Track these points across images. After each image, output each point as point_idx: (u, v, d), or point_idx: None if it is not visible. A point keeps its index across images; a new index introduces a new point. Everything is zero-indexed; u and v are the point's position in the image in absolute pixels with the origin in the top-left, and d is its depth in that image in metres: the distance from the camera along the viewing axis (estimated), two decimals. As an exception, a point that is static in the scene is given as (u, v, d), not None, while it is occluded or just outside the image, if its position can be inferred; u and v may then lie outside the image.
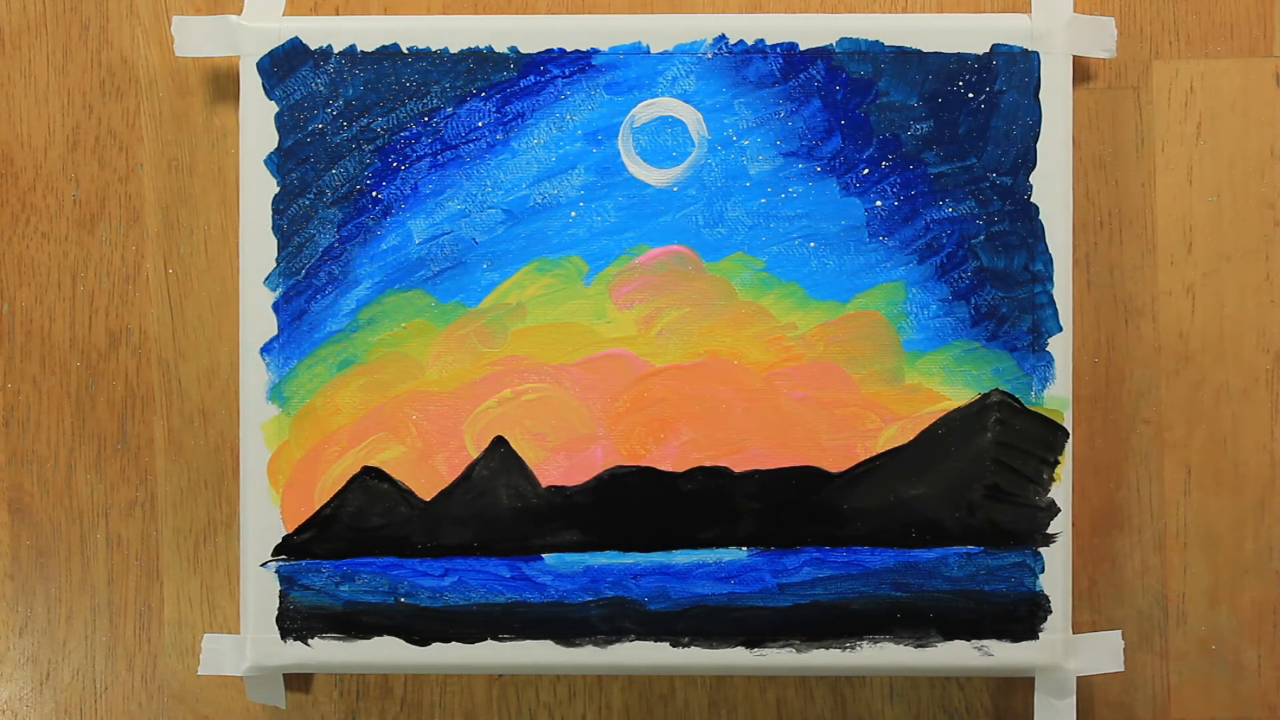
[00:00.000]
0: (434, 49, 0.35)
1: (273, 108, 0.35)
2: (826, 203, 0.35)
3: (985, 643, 0.35)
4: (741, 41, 0.35)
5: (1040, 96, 0.35)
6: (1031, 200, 0.35)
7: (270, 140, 0.35)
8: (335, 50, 0.35)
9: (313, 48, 0.35)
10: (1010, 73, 0.35)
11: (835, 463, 0.35)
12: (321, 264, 0.36)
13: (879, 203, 0.35)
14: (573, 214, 0.36)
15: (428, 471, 0.36)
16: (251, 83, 0.35)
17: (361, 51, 0.35)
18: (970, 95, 0.35)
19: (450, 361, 0.36)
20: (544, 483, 0.36)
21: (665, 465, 0.35)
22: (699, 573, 0.36)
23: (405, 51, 0.35)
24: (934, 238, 0.35)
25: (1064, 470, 0.35)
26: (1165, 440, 0.37)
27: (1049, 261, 0.35)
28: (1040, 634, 0.35)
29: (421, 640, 0.36)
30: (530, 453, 0.36)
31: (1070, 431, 0.35)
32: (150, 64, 0.37)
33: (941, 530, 0.35)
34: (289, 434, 0.36)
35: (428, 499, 0.36)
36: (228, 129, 0.37)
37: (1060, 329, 0.35)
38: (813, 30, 0.35)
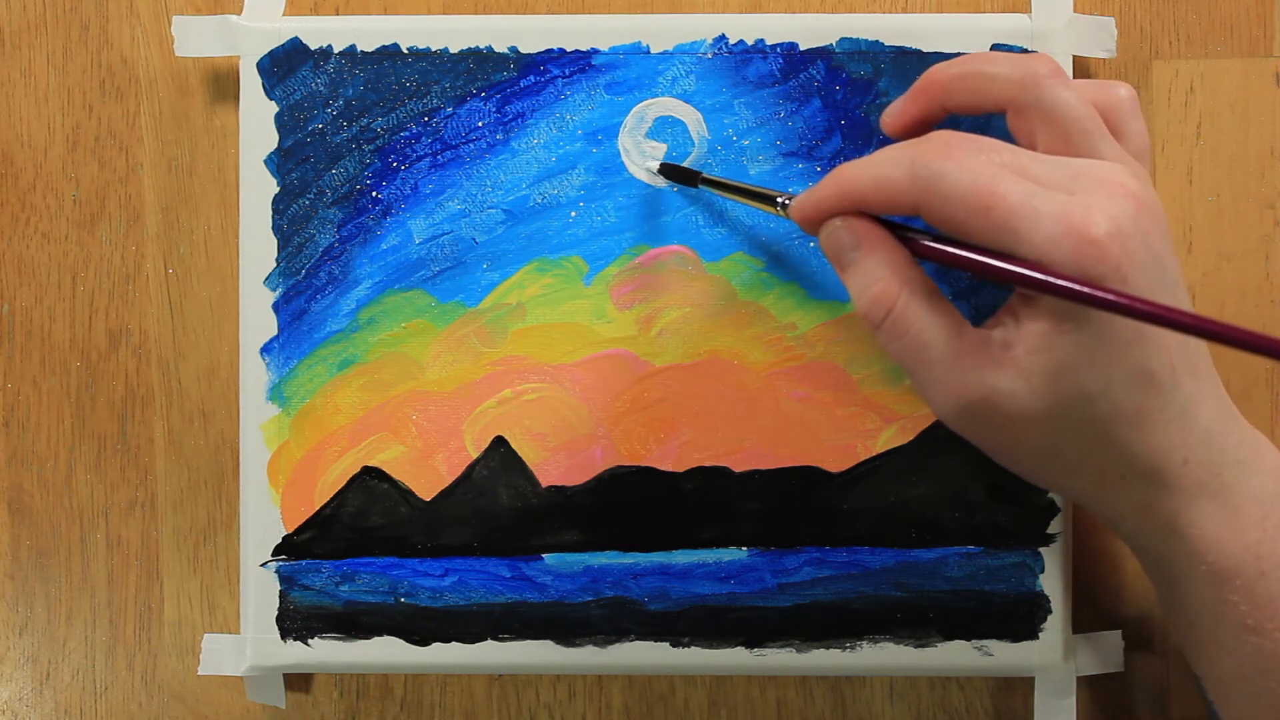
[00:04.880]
0: (434, 49, 0.35)
1: (273, 108, 0.35)
2: (826, 203, 0.35)
3: (985, 643, 0.35)
4: (741, 41, 0.35)
5: (1040, 96, 0.35)
6: (1031, 200, 0.35)
7: (270, 140, 0.35)
8: (335, 50, 0.35)
9: (313, 48, 0.35)
10: (1010, 73, 0.35)
11: (835, 463, 0.35)
12: (321, 264, 0.36)
13: (879, 203, 0.35)
14: (573, 214, 0.36)
15: (428, 471, 0.36)
16: (251, 83, 0.35)
17: (361, 51, 0.35)
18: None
19: (450, 361, 0.36)
20: (544, 483, 0.36)
21: (665, 465, 0.35)
22: (699, 573, 0.36)
23: (405, 51, 0.35)
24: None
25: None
26: (1165, 440, 0.37)
27: (1049, 261, 0.35)
28: (1040, 634, 0.35)
29: (421, 640, 0.36)
30: (530, 453, 0.36)
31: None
32: (150, 64, 0.37)
33: (941, 530, 0.35)
34: (289, 434, 0.36)
35: (428, 499, 0.36)
36: (228, 129, 0.37)
37: (1060, 329, 0.35)
38: (813, 30, 0.35)
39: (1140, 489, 0.29)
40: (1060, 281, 0.25)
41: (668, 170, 0.35)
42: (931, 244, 0.28)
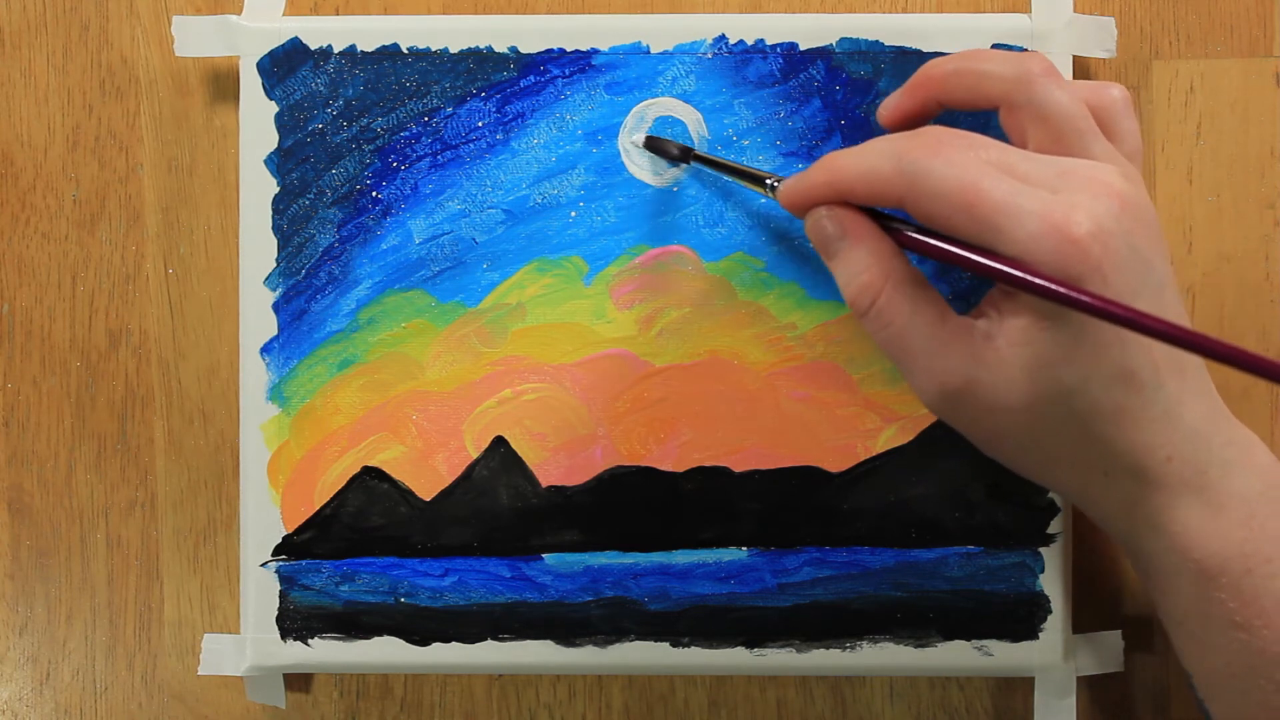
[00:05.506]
0: (434, 49, 0.35)
1: (273, 108, 0.35)
2: (826, 203, 0.35)
3: (985, 643, 0.35)
4: (741, 41, 0.35)
5: (1040, 96, 0.35)
6: (1031, 200, 0.35)
7: (270, 140, 0.35)
8: (335, 50, 0.35)
9: (313, 48, 0.35)
10: (1010, 73, 0.35)
11: (835, 463, 0.35)
12: (321, 264, 0.36)
13: (879, 203, 0.35)
14: (573, 214, 0.36)
15: (428, 471, 0.36)
16: (251, 83, 0.35)
17: (361, 51, 0.35)
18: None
19: (450, 361, 0.36)
20: (544, 483, 0.36)
21: (665, 465, 0.36)
22: (699, 573, 0.36)
23: (405, 51, 0.35)
24: (934, 238, 0.35)
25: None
26: (1165, 440, 0.37)
27: (1049, 261, 0.35)
28: (1040, 634, 0.35)
29: (421, 640, 0.36)
30: (530, 453, 0.36)
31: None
32: (150, 64, 0.37)
33: (941, 530, 0.35)
34: (289, 434, 0.36)
35: (428, 499, 0.36)
36: (228, 129, 0.37)
37: (1060, 329, 0.35)
38: (813, 30, 0.35)
39: (1125, 485, 0.29)
40: (1037, 280, 0.26)
41: (654, 144, 0.35)
42: (915, 235, 0.28)
